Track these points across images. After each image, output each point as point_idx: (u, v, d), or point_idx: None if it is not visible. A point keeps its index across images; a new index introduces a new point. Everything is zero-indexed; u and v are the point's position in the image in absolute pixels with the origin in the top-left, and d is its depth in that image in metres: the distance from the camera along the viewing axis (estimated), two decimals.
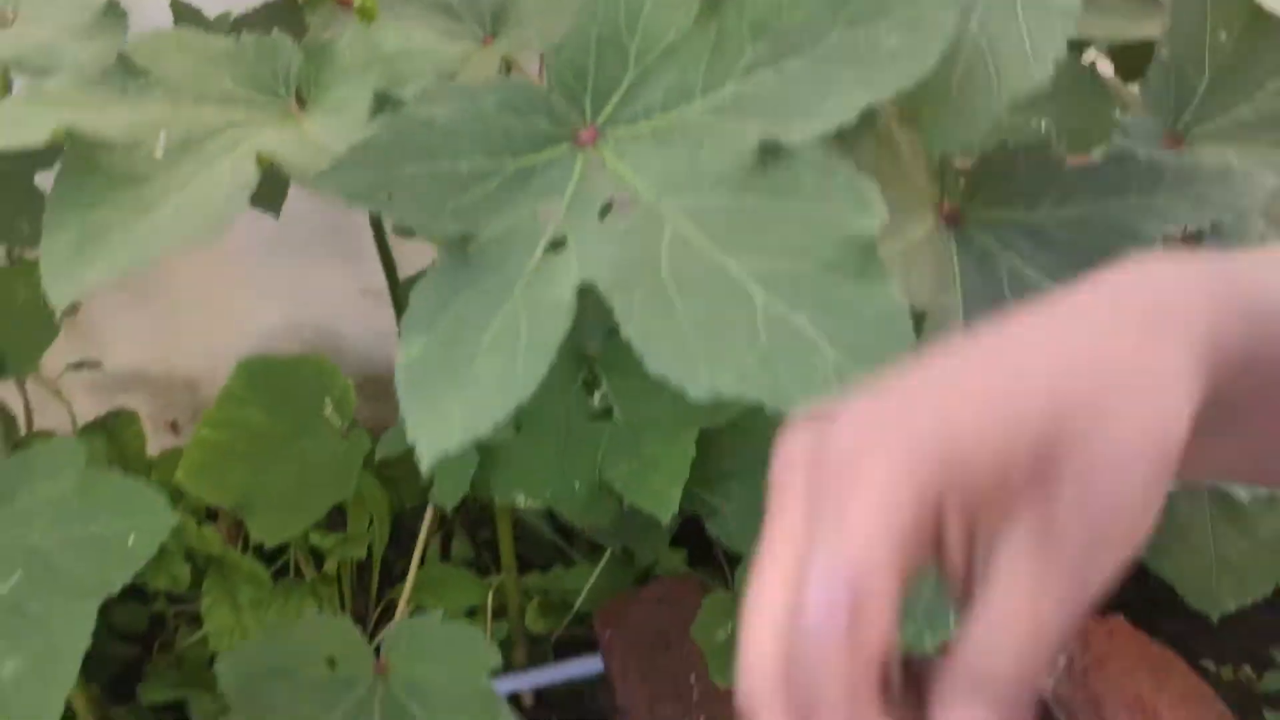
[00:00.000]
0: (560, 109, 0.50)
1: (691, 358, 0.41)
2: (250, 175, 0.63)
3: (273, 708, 0.69)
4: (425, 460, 0.43)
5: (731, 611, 1.06)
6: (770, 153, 0.45)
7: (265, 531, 0.94)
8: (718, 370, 0.40)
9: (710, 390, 0.40)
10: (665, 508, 0.84)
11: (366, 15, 0.73)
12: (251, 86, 0.73)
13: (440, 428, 0.43)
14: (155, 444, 1.28)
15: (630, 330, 0.42)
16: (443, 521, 1.53)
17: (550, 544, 1.43)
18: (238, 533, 1.39)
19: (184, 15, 0.93)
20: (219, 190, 0.63)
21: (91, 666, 1.31)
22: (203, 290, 1.34)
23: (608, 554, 1.21)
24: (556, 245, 0.46)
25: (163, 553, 1.18)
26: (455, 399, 0.43)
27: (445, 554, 1.45)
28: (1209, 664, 1.32)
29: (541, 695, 1.35)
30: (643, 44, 0.51)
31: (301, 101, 0.74)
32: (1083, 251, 0.53)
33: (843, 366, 0.40)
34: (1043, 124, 0.60)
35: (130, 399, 1.38)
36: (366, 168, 0.46)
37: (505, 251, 0.47)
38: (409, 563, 1.41)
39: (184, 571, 1.17)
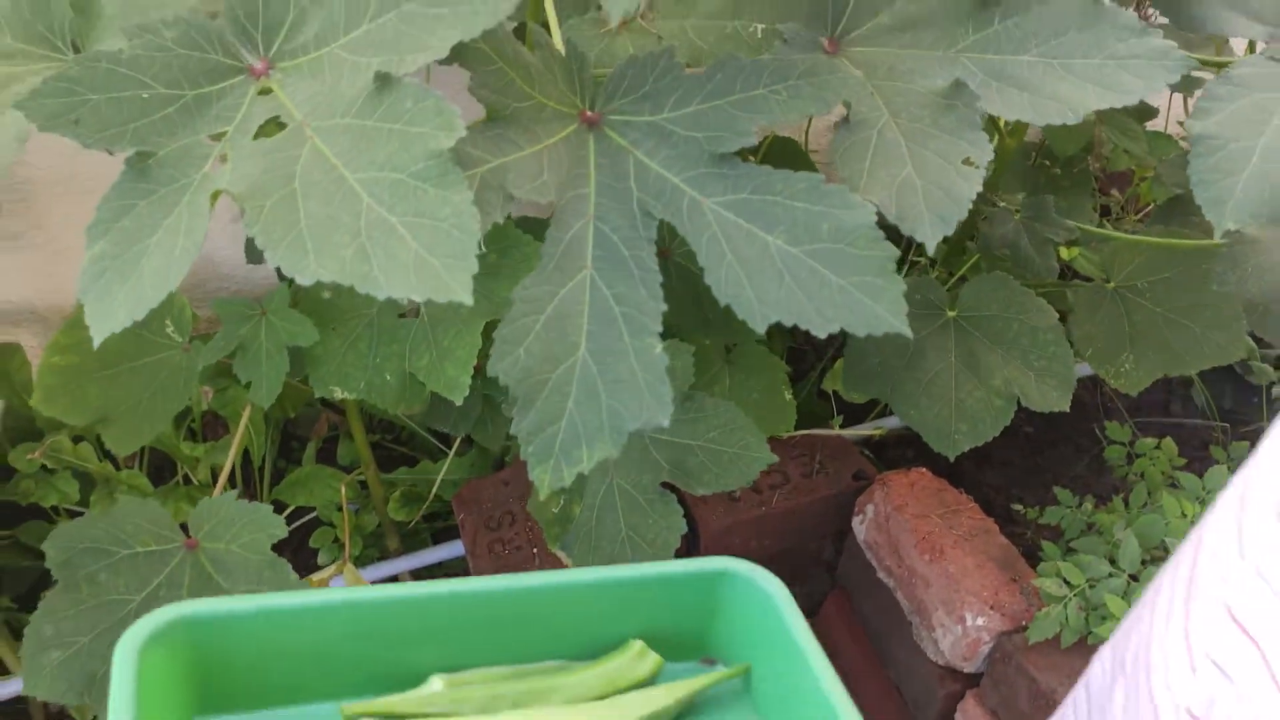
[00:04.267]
0: (233, 45, 0.60)
1: (305, 252, 0.51)
2: (25, 126, 0.72)
3: (95, 580, 0.80)
4: (96, 338, 0.53)
5: (562, 490, 1.17)
6: (384, 82, 0.55)
7: (118, 443, 1.04)
8: (324, 261, 0.51)
9: (315, 277, 0.51)
10: (457, 392, 0.95)
11: None
12: (30, 42, 0.81)
13: (109, 314, 0.53)
14: None
15: (255, 232, 0.52)
16: (335, 430, 1.64)
17: (433, 446, 1.55)
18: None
19: None
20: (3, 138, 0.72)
21: (4, 581, 1.43)
22: (81, 231, 1.43)
23: (456, 447, 1.32)
24: (223, 161, 0.56)
25: (50, 472, 1.29)
26: (122, 290, 0.54)
27: (334, 458, 1.56)
28: (1019, 506, 1.46)
29: (419, 577, 1.49)
30: None
31: (77, 52, 0.82)
32: (693, 144, 0.64)
33: (420, 257, 0.51)
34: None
35: (20, 334, 1.47)
36: (56, 97, 0.56)
37: (180, 167, 0.56)
38: (298, 467, 1.53)
39: (73, 488, 1.28)
